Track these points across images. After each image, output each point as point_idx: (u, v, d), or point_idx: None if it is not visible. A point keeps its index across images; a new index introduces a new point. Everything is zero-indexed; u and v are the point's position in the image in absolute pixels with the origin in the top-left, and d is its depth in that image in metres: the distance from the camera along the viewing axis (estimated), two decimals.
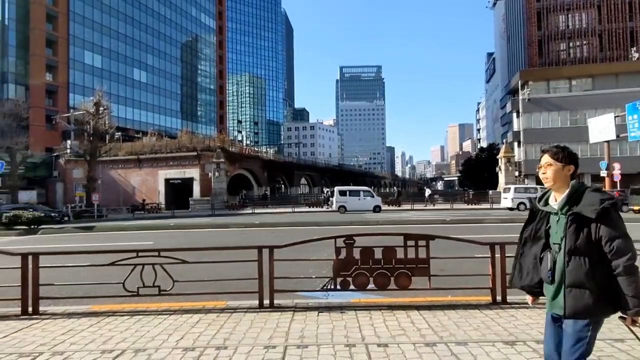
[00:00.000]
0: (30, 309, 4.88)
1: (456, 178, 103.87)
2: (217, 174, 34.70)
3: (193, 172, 36.69)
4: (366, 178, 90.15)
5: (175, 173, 37.30)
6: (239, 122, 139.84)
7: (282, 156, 72.46)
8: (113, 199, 35.71)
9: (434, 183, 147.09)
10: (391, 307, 4.71)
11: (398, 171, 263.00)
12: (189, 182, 36.79)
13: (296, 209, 30.62)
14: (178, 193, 36.85)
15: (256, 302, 4.86)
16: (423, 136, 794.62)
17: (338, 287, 4.90)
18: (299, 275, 5.63)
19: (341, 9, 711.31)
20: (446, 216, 20.84)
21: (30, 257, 4.93)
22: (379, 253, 4.89)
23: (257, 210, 30.13)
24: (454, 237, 5.27)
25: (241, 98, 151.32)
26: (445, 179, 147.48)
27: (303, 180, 64.89)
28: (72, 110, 40.08)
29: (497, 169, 36.23)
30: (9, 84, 53.62)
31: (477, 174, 59.81)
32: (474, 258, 6.06)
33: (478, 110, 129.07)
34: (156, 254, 4.93)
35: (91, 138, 30.75)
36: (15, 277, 4.95)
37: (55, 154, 40.51)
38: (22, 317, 4.79)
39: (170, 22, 77.72)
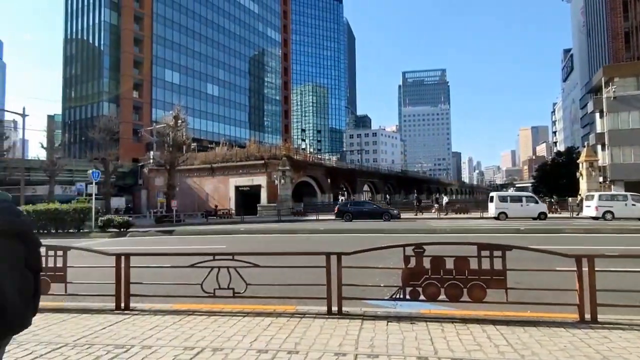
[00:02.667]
0: (122, 305, 5.35)
1: (529, 184, 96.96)
2: (282, 181, 35.73)
3: (260, 180, 38.11)
4: (431, 185, 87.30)
5: (244, 180, 39.03)
6: (303, 130, 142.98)
7: (344, 163, 72.74)
8: (189, 205, 38.26)
9: (504, 190, 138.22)
10: (464, 320, 4.50)
11: (465, 177, 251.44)
12: (256, 189, 38.28)
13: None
14: (247, 199, 38.51)
15: (324, 308, 4.90)
16: (492, 141, 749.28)
17: (407, 296, 4.79)
18: (365, 283, 5.60)
19: (403, 14, 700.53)
20: (520, 225, 19.47)
21: (122, 258, 5.42)
22: (450, 263, 4.72)
23: (320, 217, 30.50)
24: (532, 248, 4.92)
25: (305, 107, 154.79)
26: (517, 185, 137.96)
27: (366, 187, 64.45)
28: (154, 124, 43.79)
29: (578, 174, 33.16)
30: (103, 102, 60.39)
31: (553, 180, 55.80)
32: (555, 271, 5.60)
33: (554, 111, 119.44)
34: (230, 257, 5.16)
35: (171, 149, 33.19)
36: (108, 275, 5.44)
37: (140, 164, 44.54)
38: (116, 311, 5.27)
39: (239, 38, 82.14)
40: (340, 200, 47.04)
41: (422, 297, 4.74)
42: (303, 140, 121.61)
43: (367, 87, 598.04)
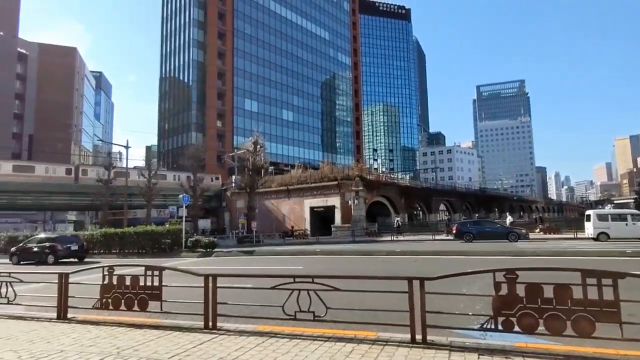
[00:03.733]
0: (210, 324, 5.53)
1: (632, 200, 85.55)
2: (356, 201, 35.68)
3: (334, 200, 38.43)
4: (514, 202, 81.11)
5: (318, 201, 39.65)
6: (375, 150, 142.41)
7: (418, 182, 70.71)
8: (267, 225, 39.74)
9: (599, 207, 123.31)
10: (569, 357, 4.00)
11: (552, 194, 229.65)
12: (330, 209, 38.62)
13: (437, 237, 29.19)
14: (321, 220, 38.99)
15: (408, 336, 4.67)
16: (582, 154, 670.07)
17: (499, 327, 4.40)
18: (450, 310, 5.24)
19: (474, 29, 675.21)
20: (625, 247, 17.10)
21: (210, 278, 5.61)
22: (548, 291, 4.25)
23: (395, 238, 29.75)
24: None
25: (376, 127, 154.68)
26: (616, 201, 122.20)
27: (442, 207, 61.75)
28: (235, 150, 46.75)
29: None
30: (192, 132, 66.37)
31: None
32: None
33: None
34: (310, 280, 5.17)
35: (250, 173, 35.07)
36: (197, 295, 5.69)
37: (223, 188, 47.59)
38: (204, 330, 5.45)
39: (311, 64, 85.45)
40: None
41: (516, 328, 4.32)
42: (375, 160, 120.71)
43: (440, 104, 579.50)
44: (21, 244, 21.38)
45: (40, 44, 78.12)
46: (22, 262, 20.00)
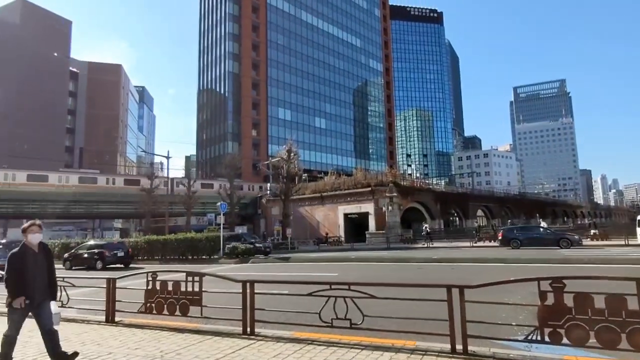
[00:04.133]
0: (248, 330, 5.62)
1: None
2: (390, 207, 35.27)
3: (368, 207, 38.17)
4: (556, 207, 77.34)
5: (352, 208, 39.53)
6: (408, 155, 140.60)
7: (454, 187, 68.94)
8: (302, 232, 40.02)
9: None
10: None
11: (598, 198, 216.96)
12: (364, 216, 38.39)
13: (474, 243, 28.30)
14: (355, 226, 38.81)
15: (447, 346, 4.55)
16: (631, 154, 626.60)
17: (546, 338, 4.21)
18: (491, 319, 5.02)
19: (508, 30, 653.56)
20: None
21: (248, 284, 5.71)
22: (599, 301, 4.03)
23: (430, 244, 29.14)
24: None
25: (409, 132, 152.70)
26: None
27: (479, 212, 59.81)
28: (270, 158, 47.59)
29: None
30: (228, 141, 68.39)
31: None
32: None
33: None
34: (346, 287, 5.14)
35: (285, 180, 35.56)
36: (235, 300, 5.79)
37: (259, 195, 48.43)
38: (242, 335, 5.56)
39: (343, 72, 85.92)
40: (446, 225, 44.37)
41: (564, 340, 4.12)
42: (409, 165, 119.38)
43: (474, 107, 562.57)
44: (73, 251, 22.68)
45: (90, 63, 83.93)
46: (73, 268, 21.19)
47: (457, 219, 55.90)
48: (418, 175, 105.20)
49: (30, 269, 4.35)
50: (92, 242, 24.32)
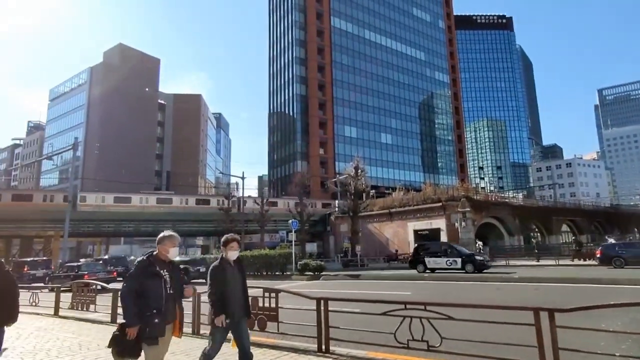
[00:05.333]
0: (323, 347, 5.63)
1: None
2: (463, 223, 33.75)
3: (439, 223, 36.91)
4: None
5: (422, 224, 38.48)
6: (480, 168, 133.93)
7: (533, 200, 63.93)
8: (371, 249, 39.73)
9: None
10: None
11: None
12: (436, 232, 37.14)
13: (560, 261, 25.78)
14: None
15: None
16: None
17: None
18: (587, 348, 4.45)
19: (586, 28, 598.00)
20: None
21: (322, 302, 5.78)
22: None
23: (510, 262, 27.24)
24: None
25: (480, 144, 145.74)
26: None
27: (564, 227, 54.63)
28: (337, 176, 48.28)
29: None
30: (297, 160, 71.07)
31: None
32: None
33: None
34: (422, 307, 5.01)
35: (352, 197, 35.76)
36: (309, 317, 5.86)
37: (328, 212, 49.15)
38: (318, 353, 5.56)
39: (408, 86, 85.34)
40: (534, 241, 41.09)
41: None
42: (482, 178, 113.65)
43: (553, 114, 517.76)
44: None
45: (175, 95, 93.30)
46: None
47: (539, 234, 51.63)
48: (492, 188, 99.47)
49: (230, 284, 4.21)
50: (177, 258, 26.35)
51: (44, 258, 34.95)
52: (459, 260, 21.38)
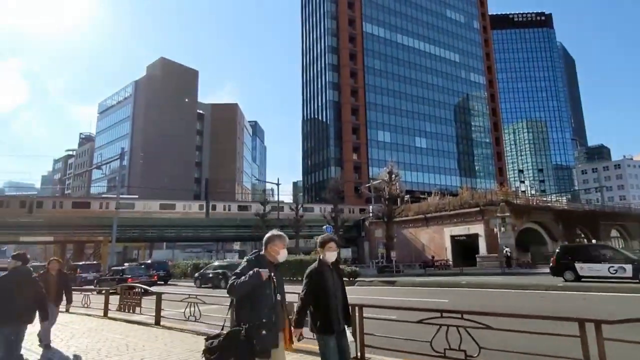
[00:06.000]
0: (358, 354, 5.64)
1: None
2: (502, 229, 32.59)
3: (477, 228, 35.86)
4: None
5: (459, 230, 37.52)
6: (520, 171, 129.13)
7: (579, 204, 60.74)
8: (406, 255, 39.15)
9: None
10: None
11: None
12: (473, 238, 36.11)
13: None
14: (464, 249, 36.65)
15: None
16: None
17: None
18: None
19: (635, 19, 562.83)
20: None
21: (357, 308, 5.77)
22: None
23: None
24: None
25: (520, 146, 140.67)
26: None
27: (614, 233, 51.47)
28: (371, 181, 48.07)
29: None
30: (331, 166, 71.51)
31: None
32: None
33: None
34: (459, 316, 4.89)
35: (387, 202, 35.45)
36: None
37: (362, 218, 48.98)
38: None
39: (442, 89, 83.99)
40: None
41: None
42: (522, 182, 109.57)
43: (599, 113, 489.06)
44: (201, 270, 25.62)
45: (212, 104, 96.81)
46: (202, 286, 23.89)
47: (585, 240, 48.95)
48: (533, 192, 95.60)
49: (330, 289, 3.75)
50: (216, 262, 27.18)
51: (94, 262, 37.05)
52: (628, 267, 16.75)
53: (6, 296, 5.00)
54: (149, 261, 38.08)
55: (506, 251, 30.43)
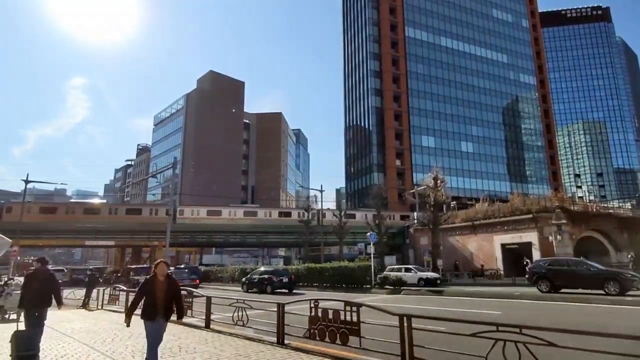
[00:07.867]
0: None
1: None
2: (558, 237, 30.69)
3: (530, 236, 34.02)
4: None
5: (510, 238, 35.79)
6: (577, 176, 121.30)
7: None
8: (453, 263, 37.85)
9: None
10: None
11: None
12: (526, 246, 34.26)
13: None
14: (516, 258, 34.85)
15: None
16: None
17: None
18: None
19: None
20: None
21: (405, 318, 5.61)
22: None
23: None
24: None
25: (576, 149, 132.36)
26: None
27: None
28: (415, 187, 47.15)
29: None
30: (374, 172, 71.15)
31: None
32: None
33: None
34: (517, 330, 4.59)
35: (432, 209, 34.55)
36: (391, 333, 5.76)
37: (406, 225, 48.10)
38: None
39: (489, 91, 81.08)
40: None
41: None
42: (579, 187, 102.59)
43: None
44: (248, 275, 26.28)
45: (257, 114, 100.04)
46: (248, 290, 24.46)
47: None
48: (592, 198, 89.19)
49: None
50: (262, 268, 27.75)
51: (145, 265, 39.17)
52: None
53: (36, 288, 6.73)
54: (182, 266, 39.63)
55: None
